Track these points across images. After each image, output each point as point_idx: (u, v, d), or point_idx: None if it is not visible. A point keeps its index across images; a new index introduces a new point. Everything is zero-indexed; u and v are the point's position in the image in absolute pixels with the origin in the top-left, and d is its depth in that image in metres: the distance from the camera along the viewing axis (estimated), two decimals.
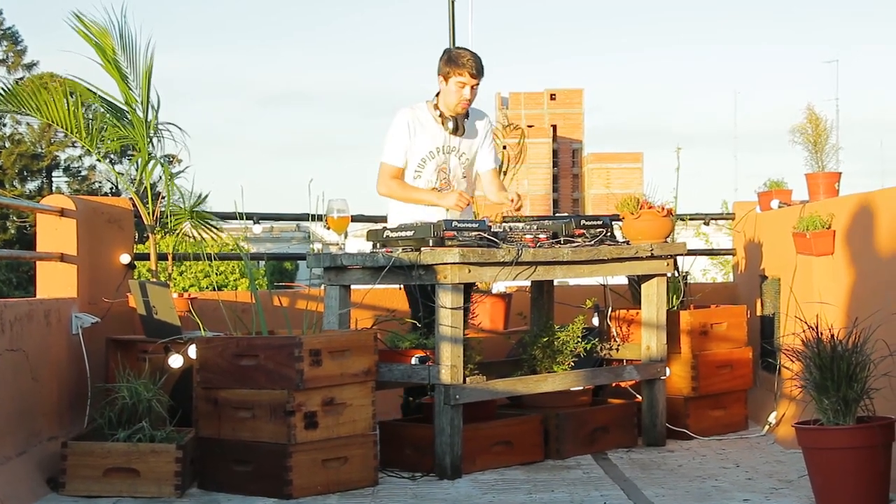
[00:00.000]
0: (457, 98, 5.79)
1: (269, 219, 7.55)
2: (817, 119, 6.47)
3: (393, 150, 5.82)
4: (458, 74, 5.75)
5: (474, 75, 5.76)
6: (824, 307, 5.50)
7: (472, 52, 5.82)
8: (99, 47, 6.23)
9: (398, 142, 5.81)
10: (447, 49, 5.91)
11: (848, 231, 5.65)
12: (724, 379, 6.24)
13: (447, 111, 5.83)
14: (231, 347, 4.89)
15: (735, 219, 7.59)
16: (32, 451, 4.86)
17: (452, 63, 5.77)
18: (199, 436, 4.95)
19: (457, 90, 5.78)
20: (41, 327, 5.14)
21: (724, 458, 5.57)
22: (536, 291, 6.37)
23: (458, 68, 5.75)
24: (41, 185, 40.83)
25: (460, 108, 5.82)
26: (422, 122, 5.84)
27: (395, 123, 5.83)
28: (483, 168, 6.05)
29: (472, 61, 5.76)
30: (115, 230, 6.30)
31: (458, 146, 5.91)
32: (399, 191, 5.84)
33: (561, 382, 5.61)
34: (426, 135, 5.83)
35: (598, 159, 52.39)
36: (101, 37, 6.21)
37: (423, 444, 5.23)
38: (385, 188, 5.85)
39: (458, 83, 5.76)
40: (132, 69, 6.29)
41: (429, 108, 5.87)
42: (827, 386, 4.35)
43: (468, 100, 5.81)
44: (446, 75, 5.78)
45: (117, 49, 6.25)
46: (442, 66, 5.80)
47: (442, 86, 5.82)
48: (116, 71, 6.24)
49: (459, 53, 5.81)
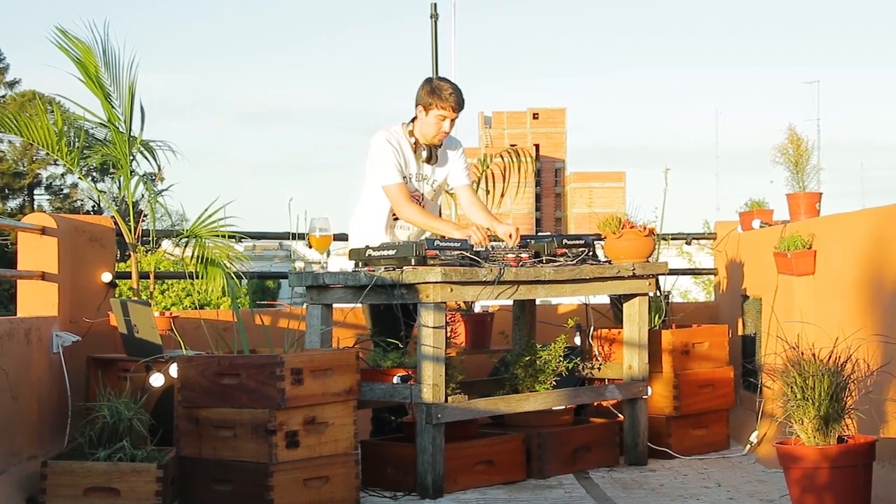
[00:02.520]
0: (435, 130, 5.75)
1: (252, 237, 7.54)
2: (798, 139, 6.50)
3: (390, 170, 5.70)
4: (439, 108, 5.70)
5: (455, 109, 5.72)
6: (805, 327, 5.51)
7: (454, 85, 5.76)
8: (81, 64, 6.19)
9: (390, 160, 5.71)
10: (429, 79, 5.84)
11: (829, 251, 5.68)
12: (706, 398, 6.25)
13: (423, 140, 5.80)
14: (212, 366, 4.87)
15: (717, 238, 7.61)
16: (12, 471, 4.83)
17: (435, 96, 5.70)
18: (180, 455, 4.93)
19: (436, 122, 5.73)
20: (21, 346, 5.12)
21: (705, 477, 5.57)
22: (518, 310, 6.37)
23: (440, 101, 5.69)
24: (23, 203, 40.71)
25: (437, 140, 5.79)
26: (401, 148, 5.79)
27: (379, 146, 5.75)
28: (457, 183, 6.01)
29: (454, 96, 5.70)
30: (97, 248, 6.28)
31: (430, 174, 5.89)
32: (423, 218, 5.72)
33: (543, 402, 5.61)
34: (403, 161, 5.80)
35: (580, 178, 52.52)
36: (84, 53, 6.17)
37: (404, 464, 5.22)
38: (409, 212, 5.70)
39: (439, 116, 5.72)
40: (115, 86, 6.26)
41: (404, 132, 5.82)
42: (808, 405, 4.36)
43: (446, 133, 5.79)
44: (427, 106, 5.72)
45: (100, 66, 6.21)
46: (423, 96, 5.73)
47: (421, 115, 5.77)
48: (99, 88, 6.21)
49: (442, 87, 5.73)
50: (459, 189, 6.05)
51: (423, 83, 5.80)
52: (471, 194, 6.05)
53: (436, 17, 8.14)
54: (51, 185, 42.33)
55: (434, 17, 8.14)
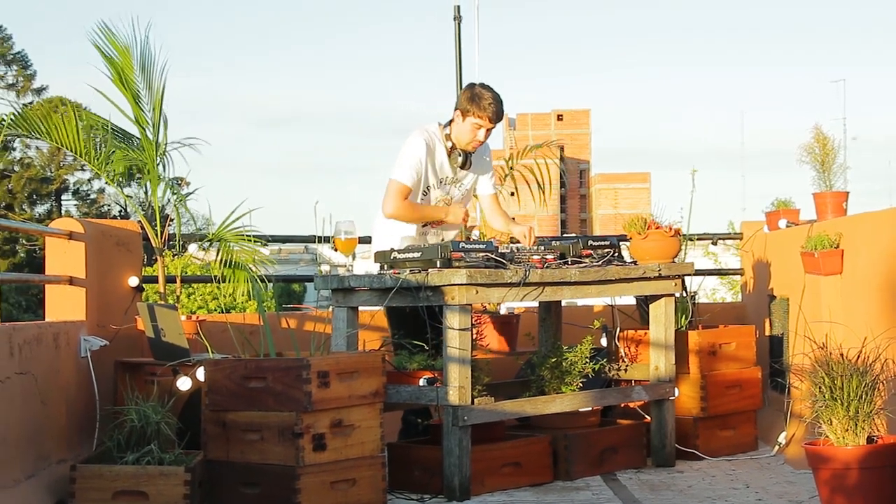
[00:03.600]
0: (470, 137, 5.72)
1: (278, 240, 7.56)
2: (825, 138, 6.47)
3: (407, 169, 5.65)
4: (477, 116, 5.66)
5: (493, 120, 5.69)
6: (833, 326, 5.49)
7: (495, 94, 5.70)
8: (113, 63, 6.13)
9: (413, 163, 5.66)
10: (472, 85, 5.77)
11: (856, 250, 5.65)
12: (734, 399, 6.22)
13: (457, 145, 5.77)
14: (239, 370, 4.89)
15: (743, 238, 7.58)
16: (41, 475, 4.86)
17: (474, 103, 5.65)
18: (207, 458, 4.95)
19: (472, 130, 5.70)
20: (50, 350, 5.15)
21: (733, 478, 5.55)
22: (544, 312, 6.36)
23: (478, 110, 5.65)
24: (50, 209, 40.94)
25: (471, 147, 5.76)
26: (437, 151, 5.76)
27: (413, 144, 5.69)
28: (483, 192, 6.03)
29: (492, 106, 5.65)
30: (124, 253, 6.31)
31: (460, 178, 5.88)
32: (409, 211, 5.69)
33: (569, 403, 5.60)
34: (437, 165, 5.77)
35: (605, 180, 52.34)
36: (121, 53, 6.12)
37: (431, 466, 5.22)
38: (393, 207, 5.65)
39: (476, 125, 5.68)
40: (148, 90, 6.23)
41: (441, 134, 5.78)
42: (836, 406, 4.34)
43: (481, 142, 5.76)
44: (465, 112, 5.68)
45: (136, 67, 6.16)
46: (463, 102, 5.69)
47: (458, 120, 5.72)
48: (128, 90, 6.17)
49: (482, 95, 5.67)
50: (484, 198, 6.06)
51: (466, 87, 5.79)
52: (494, 203, 6.06)
53: (459, 19, 8.14)
54: (78, 191, 42.55)
55: (457, 19, 8.14)
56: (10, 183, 39.38)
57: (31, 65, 41.64)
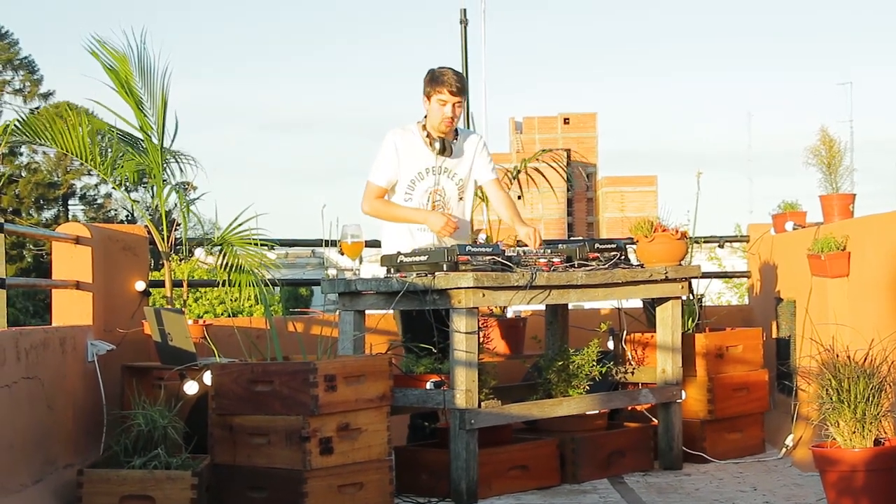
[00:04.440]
0: (439, 116, 5.72)
1: (284, 245, 7.57)
2: (831, 141, 6.46)
3: (378, 170, 5.78)
4: (438, 92, 5.69)
5: (454, 93, 5.69)
6: (840, 329, 5.48)
7: (453, 70, 5.76)
8: (114, 72, 6.18)
9: (383, 163, 5.77)
10: (430, 69, 5.80)
11: (863, 252, 5.64)
12: (741, 402, 6.22)
13: (433, 132, 5.78)
14: (246, 374, 4.89)
15: (750, 241, 7.57)
16: (48, 479, 4.86)
17: (434, 82, 5.71)
18: (214, 462, 4.95)
19: (438, 108, 5.71)
20: (57, 355, 5.16)
21: (741, 481, 5.54)
22: (551, 315, 6.36)
23: (438, 86, 5.69)
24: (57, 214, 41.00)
25: (444, 126, 5.75)
26: (411, 143, 5.78)
27: (383, 144, 5.81)
28: (483, 179, 5.96)
29: (451, 78, 5.69)
30: (130, 257, 6.32)
31: (449, 167, 5.85)
32: (383, 209, 5.79)
33: (576, 406, 5.60)
34: (413, 156, 5.78)
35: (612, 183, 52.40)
36: (119, 62, 6.15)
37: (438, 470, 5.21)
38: (368, 207, 5.79)
39: (440, 101, 5.70)
40: (149, 95, 6.24)
41: (418, 129, 5.82)
42: (843, 408, 4.34)
43: (450, 118, 5.73)
44: (428, 94, 5.74)
45: (135, 74, 6.19)
46: (424, 86, 5.76)
47: (426, 106, 5.78)
48: (131, 97, 6.20)
49: (441, 72, 5.73)
50: (486, 184, 5.99)
51: (426, 74, 5.80)
52: (498, 189, 5.99)
53: (465, 22, 8.16)
54: (85, 196, 42.61)
55: (464, 22, 8.16)
56: (17, 188, 39.45)
57: (37, 70, 41.73)
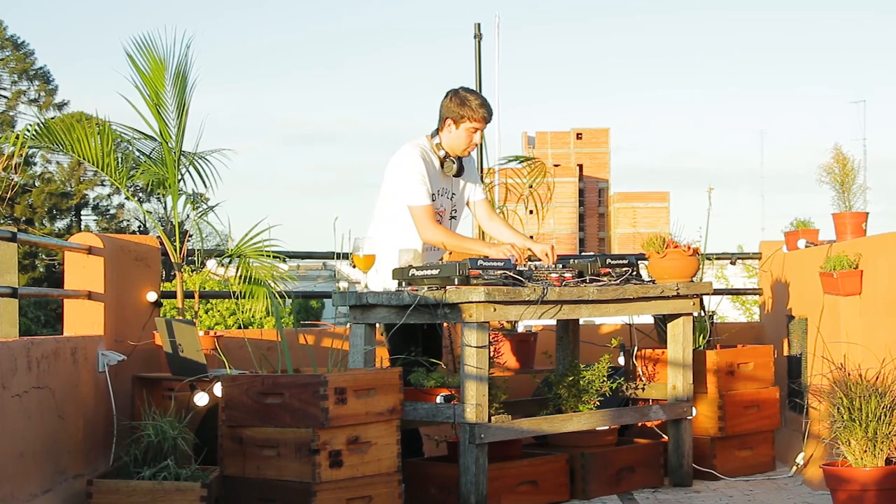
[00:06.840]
0: (466, 143, 5.68)
1: (296, 257, 7.57)
2: (844, 159, 6.45)
3: (419, 190, 5.59)
4: (470, 120, 5.63)
5: (486, 121, 5.68)
6: (852, 347, 5.46)
7: (481, 96, 5.71)
8: (146, 77, 6.09)
9: (420, 182, 5.60)
10: (455, 91, 5.71)
11: (876, 271, 5.62)
12: (752, 419, 6.20)
13: (452, 153, 5.72)
14: (256, 386, 4.90)
15: (762, 258, 7.56)
16: (58, 489, 4.87)
17: (466, 108, 5.62)
18: (224, 474, 4.95)
19: (467, 135, 5.66)
20: (68, 365, 5.17)
21: (751, 499, 5.53)
22: (562, 330, 6.35)
23: (471, 113, 5.62)
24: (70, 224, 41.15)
25: (467, 153, 5.75)
26: (431, 162, 5.71)
27: (410, 163, 5.62)
28: (475, 199, 5.93)
29: (483, 108, 5.63)
30: (142, 268, 6.33)
31: (450, 188, 5.82)
32: (450, 239, 5.64)
33: (587, 422, 5.59)
34: (432, 177, 5.69)
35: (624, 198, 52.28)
36: (155, 68, 6.07)
37: (448, 484, 5.21)
38: (434, 234, 5.59)
39: (470, 129, 5.64)
40: (176, 104, 6.20)
41: (431, 146, 5.74)
42: (855, 427, 4.32)
43: (476, 144, 5.75)
44: (457, 119, 5.64)
45: (168, 81, 6.14)
46: (453, 109, 5.64)
47: (450, 128, 5.67)
48: (156, 105, 6.14)
49: (470, 98, 5.64)
50: (477, 204, 5.95)
51: (450, 95, 5.70)
52: (488, 209, 5.98)
53: (479, 37, 8.17)
54: (98, 206, 42.76)
55: (478, 37, 8.17)
56: (30, 198, 39.60)
57: (52, 80, 41.96)
